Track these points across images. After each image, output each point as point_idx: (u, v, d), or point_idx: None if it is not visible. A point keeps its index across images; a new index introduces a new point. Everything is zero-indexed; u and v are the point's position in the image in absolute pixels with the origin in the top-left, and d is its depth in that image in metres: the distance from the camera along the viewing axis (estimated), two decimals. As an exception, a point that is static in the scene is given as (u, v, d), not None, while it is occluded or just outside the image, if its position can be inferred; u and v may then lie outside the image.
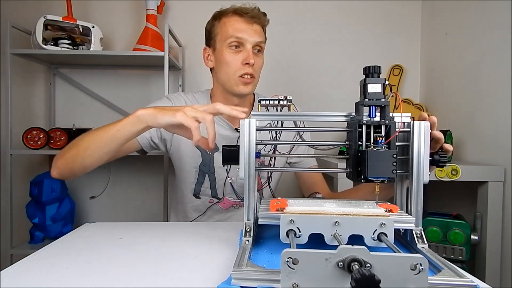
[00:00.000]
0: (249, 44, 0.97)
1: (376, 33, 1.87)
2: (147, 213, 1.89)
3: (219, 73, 1.02)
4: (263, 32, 1.02)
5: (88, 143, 0.78)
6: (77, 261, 0.56)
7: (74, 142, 0.83)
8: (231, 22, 0.98)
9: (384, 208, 0.57)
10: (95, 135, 0.78)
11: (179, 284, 0.48)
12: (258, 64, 1.00)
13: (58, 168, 0.82)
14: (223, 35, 0.98)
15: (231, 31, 0.97)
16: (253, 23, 0.98)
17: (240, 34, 0.96)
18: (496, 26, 1.29)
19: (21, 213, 1.59)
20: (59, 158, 0.83)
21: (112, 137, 0.74)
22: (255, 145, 0.60)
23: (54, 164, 0.83)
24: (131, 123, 0.72)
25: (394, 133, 0.57)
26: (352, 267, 0.36)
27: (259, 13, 0.99)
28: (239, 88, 0.98)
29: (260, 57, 1.02)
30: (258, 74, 1.01)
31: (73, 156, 0.80)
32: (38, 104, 1.82)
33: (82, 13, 1.76)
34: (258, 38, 0.98)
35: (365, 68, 0.58)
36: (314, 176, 1.09)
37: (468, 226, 1.18)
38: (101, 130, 0.77)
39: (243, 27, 0.97)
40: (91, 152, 0.78)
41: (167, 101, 1.03)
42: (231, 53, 0.97)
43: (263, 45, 1.02)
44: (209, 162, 1.03)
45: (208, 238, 0.69)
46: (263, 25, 1.01)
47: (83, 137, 0.81)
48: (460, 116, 1.50)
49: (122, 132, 0.73)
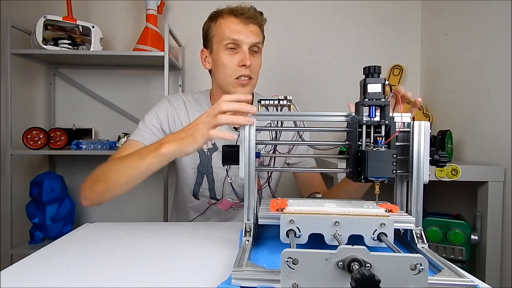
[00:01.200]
0: (246, 46, 0.96)
1: (376, 33, 1.87)
2: (147, 213, 1.89)
3: (216, 75, 1.02)
4: (260, 32, 1.01)
5: (116, 179, 0.79)
6: (77, 261, 0.56)
7: (99, 174, 0.83)
8: (227, 24, 0.97)
9: (384, 208, 0.57)
10: (123, 170, 0.79)
11: (179, 284, 0.48)
12: (256, 65, 0.99)
13: (88, 199, 0.83)
14: (220, 37, 0.98)
15: (227, 32, 0.96)
16: (249, 23, 0.96)
17: (236, 36, 0.95)
18: (496, 26, 1.29)
19: (21, 213, 1.59)
20: (88, 190, 0.83)
21: (141, 173, 0.76)
22: (255, 145, 0.60)
23: (84, 195, 0.84)
24: (159, 161, 0.74)
25: (394, 133, 0.57)
26: (352, 267, 0.36)
27: (255, 13, 0.98)
28: (236, 90, 0.98)
29: (258, 58, 1.00)
30: (256, 75, 1.00)
31: (103, 191, 0.81)
32: (38, 104, 1.82)
33: (82, 13, 1.76)
34: (254, 39, 0.97)
35: (365, 68, 0.58)
36: (312, 176, 1.09)
37: (468, 226, 1.18)
38: (128, 165, 0.78)
39: (239, 28, 0.96)
40: (120, 187, 0.80)
41: (167, 103, 1.03)
42: (227, 55, 0.97)
43: (261, 45, 1.01)
44: (207, 162, 1.02)
45: (208, 238, 0.69)
46: (260, 24, 1.00)
47: (109, 171, 0.81)
48: (460, 116, 1.50)
49: (151, 169, 0.75)
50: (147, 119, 0.99)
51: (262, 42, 1.02)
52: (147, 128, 0.97)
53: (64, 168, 1.85)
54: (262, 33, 1.03)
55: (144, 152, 0.75)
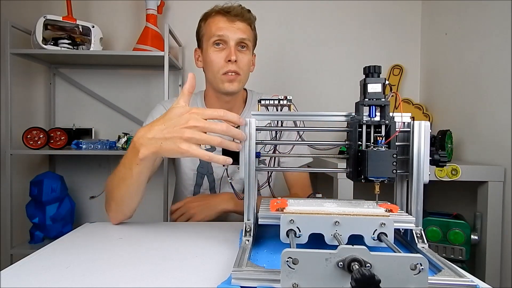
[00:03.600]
0: (232, 41, 0.98)
1: (376, 33, 1.86)
2: (147, 213, 1.88)
3: (206, 73, 1.05)
4: (249, 29, 1.02)
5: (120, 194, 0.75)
6: (77, 261, 0.56)
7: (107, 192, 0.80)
8: (215, 22, 1.00)
9: (384, 208, 0.57)
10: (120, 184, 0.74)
11: (179, 284, 0.48)
12: (243, 61, 1.00)
13: (115, 219, 0.80)
14: (208, 35, 1.01)
15: (214, 30, 0.99)
16: (236, 20, 0.99)
17: (221, 32, 0.98)
18: (496, 26, 1.29)
19: (21, 213, 1.59)
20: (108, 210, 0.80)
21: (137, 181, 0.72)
22: (255, 145, 0.60)
23: (110, 216, 0.80)
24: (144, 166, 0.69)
25: (394, 133, 0.57)
26: (352, 267, 0.36)
27: (242, 11, 1.00)
28: (224, 85, 0.99)
29: (246, 54, 1.02)
30: (244, 71, 1.01)
31: (117, 207, 0.78)
32: (38, 104, 1.82)
33: (82, 13, 1.76)
34: (241, 35, 0.99)
35: (365, 68, 0.58)
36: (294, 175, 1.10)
37: (468, 226, 1.18)
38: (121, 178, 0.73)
39: (225, 25, 0.98)
40: (129, 200, 0.76)
41: (161, 108, 1.06)
42: (214, 52, 0.99)
43: (249, 42, 1.02)
44: (206, 163, 1.03)
45: (208, 238, 0.69)
46: (248, 22, 1.02)
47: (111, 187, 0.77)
48: (460, 116, 1.50)
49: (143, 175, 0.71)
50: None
51: (252, 39, 1.04)
52: None
53: (64, 168, 1.85)
54: (253, 31, 1.04)
55: (127, 162, 0.71)
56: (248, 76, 1.05)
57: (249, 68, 1.04)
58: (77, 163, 1.85)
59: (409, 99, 1.79)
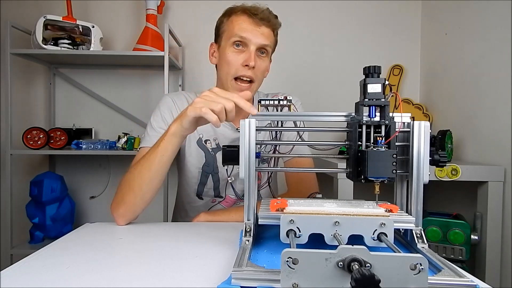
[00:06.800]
0: (253, 46, 0.94)
1: (376, 33, 1.87)
2: (147, 213, 1.88)
3: (220, 71, 1.01)
4: (272, 35, 0.99)
5: (140, 181, 0.77)
6: (77, 261, 0.56)
7: (123, 187, 0.81)
8: (239, 21, 0.95)
9: (384, 208, 0.57)
10: (143, 170, 0.77)
11: (179, 284, 0.48)
12: (260, 68, 0.97)
13: (122, 216, 0.79)
14: (229, 33, 0.96)
15: (237, 30, 0.94)
16: (261, 25, 0.95)
17: (244, 34, 0.94)
18: (496, 26, 1.29)
19: (21, 213, 1.59)
20: (120, 206, 0.79)
21: (158, 163, 0.76)
22: (255, 145, 0.60)
23: (116, 213, 0.79)
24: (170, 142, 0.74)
25: (394, 133, 0.57)
26: (352, 267, 0.36)
27: (269, 16, 0.97)
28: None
29: (264, 60, 0.99)
30: (258, 78, 0.98)
31: (133, 200, 0.78)
32: (38, 104, 1.82)
33: (82, 13, 1.76)
34: (263, 41, 0.95)
35: (365, 68, 0.58)
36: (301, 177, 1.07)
37: (468, 226, 1.18)
38: (145, 162, 0.77)
39: (249, 27, 0.94)
40: (147, 187, 0.78)
41: (169, 101, 1.01)
42: (233, 52, 0.95)
43: (269, 49, 0.99)
44: (212, 162, 1.02)
45: (208, 238, 0.69)
46: (273, 28, 0.98)
47: (131, 177, 0.79)
48: (460, 116, 1.50)
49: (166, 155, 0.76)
50: (153, 123, 0.98)
51: (273, 46, 1.01)
52: (156, 132, 0.96)
53: (64, 168, 1.85)
54: (275, 37, 1.01)
55: (157, 142, 0.77)
56: (262, 82, 1.02)
57: (264, 74, 1.01)
58: (77, 163, 1.85)
59: (409, 99, 1.79)
